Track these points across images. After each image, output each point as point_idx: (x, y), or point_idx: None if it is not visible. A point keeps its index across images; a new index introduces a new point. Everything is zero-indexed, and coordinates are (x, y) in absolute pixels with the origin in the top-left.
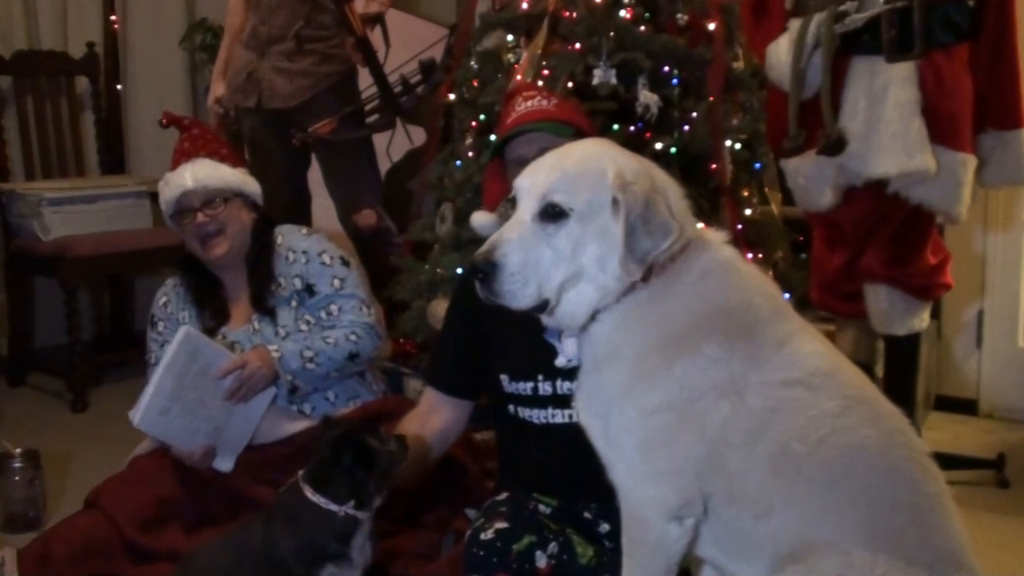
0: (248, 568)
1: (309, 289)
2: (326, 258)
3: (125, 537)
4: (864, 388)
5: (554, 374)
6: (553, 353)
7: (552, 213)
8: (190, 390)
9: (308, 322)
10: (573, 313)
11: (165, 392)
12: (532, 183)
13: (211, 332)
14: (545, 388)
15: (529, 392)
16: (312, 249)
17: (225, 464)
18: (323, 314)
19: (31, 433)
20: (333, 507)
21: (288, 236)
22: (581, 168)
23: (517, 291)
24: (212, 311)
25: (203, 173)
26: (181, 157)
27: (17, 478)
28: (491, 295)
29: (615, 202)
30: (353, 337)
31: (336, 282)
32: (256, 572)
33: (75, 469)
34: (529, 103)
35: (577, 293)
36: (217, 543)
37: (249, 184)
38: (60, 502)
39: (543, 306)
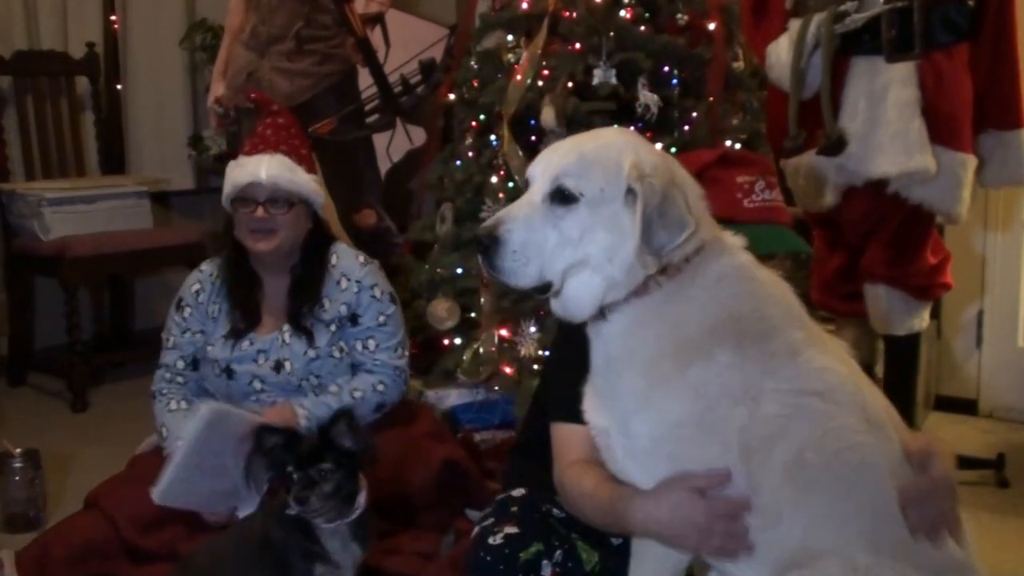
0: (251, 563)
1: (353, 318)
2: (376, 292)
3: (124, 538)
4: (877, 401)
5: None
6: None
7: (562, 196)
8: (212, 456)
9: (342, 349)
10: (579, 302)
11: (188, 468)
12: (546, 165)
13: (239, 335)
14: None
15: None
16: (366, 280)
17: (248, 511)
18: (359, 346)
19: (31, 433)
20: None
21: (344, 259)
22: (598, 155)
23: (518, 269)
24: (244, 312)
25: (278, 171)
26: (260, 143)
27: (17, 478)
28: (491, 270)
29: (630, 192)
30: (381, 387)
31: (381, 318)
32: (260, 566)
33: (75, 469)
34: (771, 193)
35: (581, 281)
36: (219, 539)
37: (317, 195)
38: (60, 502)
39: (545, 288)
